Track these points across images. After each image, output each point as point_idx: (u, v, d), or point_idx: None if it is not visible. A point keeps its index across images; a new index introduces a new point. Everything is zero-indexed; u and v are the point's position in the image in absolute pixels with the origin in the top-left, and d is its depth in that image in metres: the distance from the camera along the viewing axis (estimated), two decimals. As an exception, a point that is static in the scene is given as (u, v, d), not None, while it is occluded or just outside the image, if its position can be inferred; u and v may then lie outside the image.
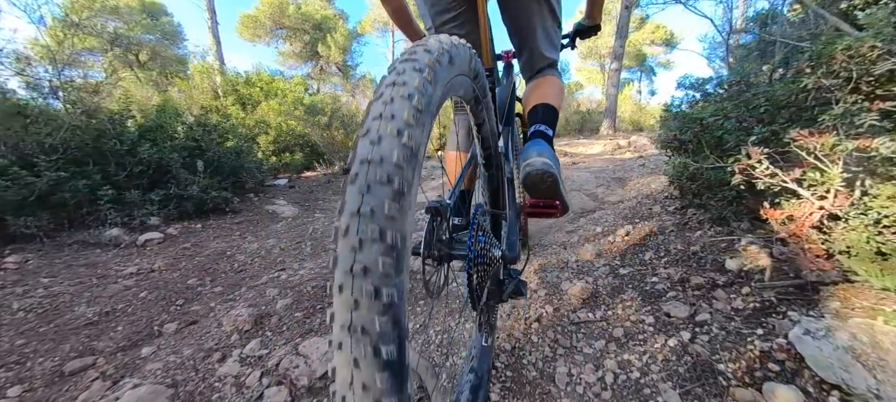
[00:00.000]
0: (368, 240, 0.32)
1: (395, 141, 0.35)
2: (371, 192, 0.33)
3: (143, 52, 15.86)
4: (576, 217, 2.94)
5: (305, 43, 17.84)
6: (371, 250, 0.31)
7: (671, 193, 2.83)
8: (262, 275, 2.13)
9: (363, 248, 0.32)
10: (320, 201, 3.86)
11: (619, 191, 3.45)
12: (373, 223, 0.32)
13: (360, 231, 0.32)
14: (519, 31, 1.13)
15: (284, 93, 7.26)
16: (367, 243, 0.32)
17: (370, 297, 0.31)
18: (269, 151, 5.91)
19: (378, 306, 0.31)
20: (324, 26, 17.52)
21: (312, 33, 17.69)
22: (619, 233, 2.24)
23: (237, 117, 6.18)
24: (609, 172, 4.45)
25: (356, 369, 0.30)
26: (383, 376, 0.30)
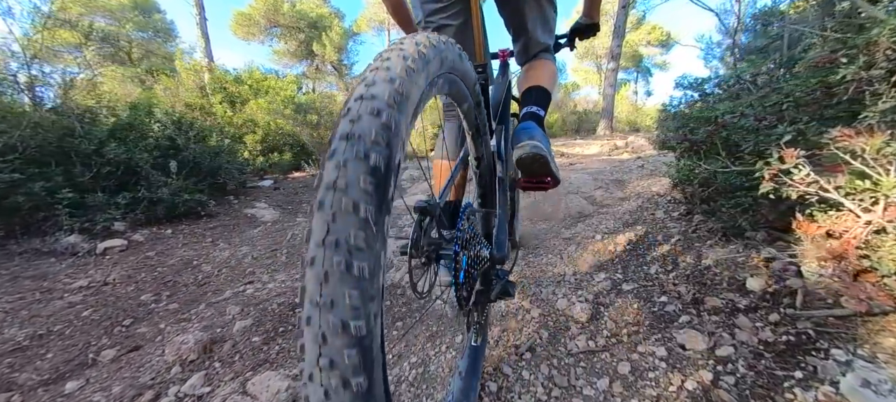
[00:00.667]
0: (341, 212, 0.31)
1: (375, 120, 0.34)
2: (346, 167, 0.32)
3: (135, 49, 15.52)
4: (573, 222, 2.74)
5: (300, 42, 17.54)
6: (345, 221, 0.31)
7: (674, 197, 2.63)
8: (226, 288, 1.91)
9: (336, 220, 0.31)
10: (303, 204, 3.63)
11: (618, 194, 3.25)
12: (347, 197, 0.31)
13: (334, 205, 0.31)
14: (515, 18, 1.11)
15: (275, 91, 7.02)
16: (340, 215, 0.31)
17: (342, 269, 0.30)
18: (257, 151, 5.67)
19: (351, 280, 0.30)
20: (319, 25, 17.23)
21: (307, 32, 17.39)
22: (620, 241, 2.03)
23: (223, 116, 5.93)
24: (607, 173, 4.25)
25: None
26: None
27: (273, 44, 17.87)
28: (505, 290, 0.80)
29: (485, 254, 0.75)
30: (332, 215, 0.31)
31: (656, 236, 1.99)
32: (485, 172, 0.89)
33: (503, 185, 0.94)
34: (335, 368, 0.28)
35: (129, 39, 15.77)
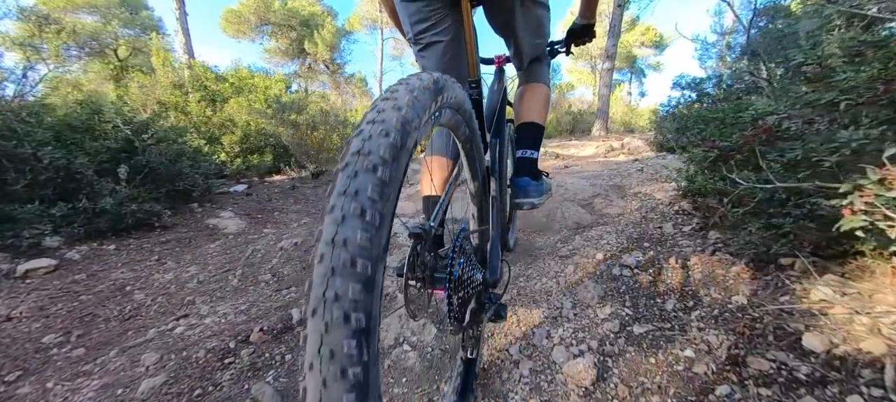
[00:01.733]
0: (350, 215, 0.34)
1: (384, 141, 0.38)
2: (357, 178, 0.35)
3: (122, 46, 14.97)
4: (570, 235, 2.42)
5: (292, 40, 17.08)
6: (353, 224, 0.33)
7: (683, 208, 2.32)
8: (153, 325, 1.56)
9: (345, 222, 0.33)
10: (276, 213, 3.27)
11: (618, 202, 2.94)
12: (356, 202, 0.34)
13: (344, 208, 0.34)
14: (506, 29, 1.06)
15: (262, 89, 6.63)
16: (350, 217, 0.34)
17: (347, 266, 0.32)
18: (234, 153, 5.28)
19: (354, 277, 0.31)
20: (311, 23, 16.79)
21: (299, 30, 16.94)
22: (626, 262, 1.72)
23: (199, 115, 5.54)
24: (605, 177, 3.94)
25: None
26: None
27: (264, 42, 17.39)
28: (497, 314, 0.80)
29: (478, 278, 0.74)
30: (342, 216, 0.34)
31: (668, 258, 1.68)
32: (479, 190, 0.87)
33: (497, 203, 0.93)
34: (334, 358, 0.30)
35: (116, 36, 15.22)
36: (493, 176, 0.95)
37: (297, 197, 3.75)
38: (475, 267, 0.73)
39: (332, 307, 0.30)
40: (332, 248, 0.32)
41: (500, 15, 1.01)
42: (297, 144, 4.53)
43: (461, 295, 0.65)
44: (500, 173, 1.02)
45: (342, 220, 0.33)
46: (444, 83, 0.51)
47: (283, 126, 4.73)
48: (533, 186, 1.07)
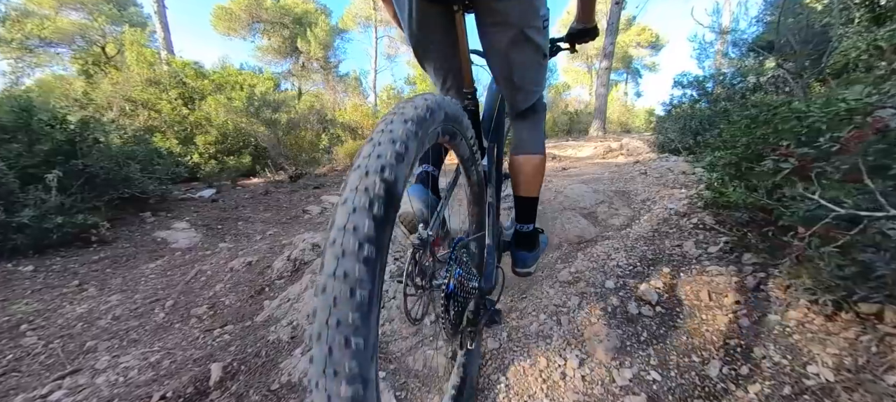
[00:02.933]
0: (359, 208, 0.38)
1: (391, 146, 0.41)
2: (356, 212, 0.37)
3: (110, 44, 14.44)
4: (571, 251, 2.05)
5: (285, 38, 16.58)
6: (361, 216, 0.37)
7: (703, 222, 1.96)
8: (27, 387, 1.16)
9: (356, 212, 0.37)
10: (240, 223, 2.87)
11: (624, 210, 2.57)
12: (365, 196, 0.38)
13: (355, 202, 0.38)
14: (491, 54, 0.92)
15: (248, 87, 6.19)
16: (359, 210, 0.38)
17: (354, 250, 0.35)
18: (210, 154, 4.86)
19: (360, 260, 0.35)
20: (304, 21, 16.30)
21: (292, 28, 16.45)
22: (645, 295, 1.35)
23: (171, 113, 5.11)
24: (606, 181, 3.58)
25: None
26: None
27: (256, 40, 16.88)
28: (492, 319, 0.80)
29: (474, 285, 0.74)
30: (353, 208, 0.37)
31: (698, 291, 1.32)
32: (477, 196, 0.89)
33: (493, 210, 0.93)
34: (340, 327, 0.33)
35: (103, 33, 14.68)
36: (490, 183, 0.95)
37: (268, 203, 3.35)
38: (471, 276, 0.73)
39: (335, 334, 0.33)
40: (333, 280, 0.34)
41: (487, 37, 0.87)
42: (275, 144, 4.12)
43: (456, 303, 0.65)
44: (498, 179, 1.04)
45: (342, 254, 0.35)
46: (436, 106, 0.52)
47: (259, 125, 4.32)
48: (529, 258, 1.12)
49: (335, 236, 0.35)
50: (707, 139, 4.10)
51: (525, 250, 1.11)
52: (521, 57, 0.88)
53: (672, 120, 5.51)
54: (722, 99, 5.22)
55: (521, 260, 1.11)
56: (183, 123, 5.36)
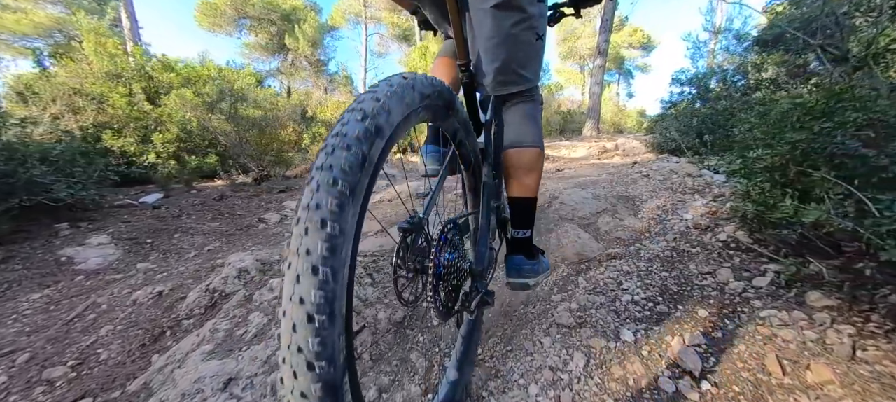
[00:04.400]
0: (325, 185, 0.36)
1: (344, 153, 0.37)
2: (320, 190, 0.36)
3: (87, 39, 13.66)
4: (571, 275, 1.62)
5: (272, 35, 15.97)
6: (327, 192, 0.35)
7: (736, 240, 1.54)
8: None
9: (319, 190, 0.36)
10: (177, 235, 2.38)
11: (631, 221, 2.15)
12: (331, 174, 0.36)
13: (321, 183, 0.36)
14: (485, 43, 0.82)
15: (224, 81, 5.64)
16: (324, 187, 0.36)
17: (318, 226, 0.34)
18: (168, 153, 4.33)
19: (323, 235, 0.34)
20: (292, 17, 15.70)
21: (280, 24, 15.84)
22: (680, 359, 0.92)
23: (125, 109, 4.56)
24: (606, 184, 3.16)
25: None
26: None
27: (243, 36, 16.22)
28: (483, 301, 0.75)
29: (465, 267, 0.71)
30: (317, 185, 0.35)
31: (763, 357, 0.89)
32: (471, 176, 0.86)
33: (488, 189, 0.87)
34: (303, 304, 0.33)
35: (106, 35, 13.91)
36: (486, 161, 0.88)
37: (220, 210, 2.86)
38: (462, 258, 0.70)
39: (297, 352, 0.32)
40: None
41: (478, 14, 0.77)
42: (237, 143, 3.62)
43: (446, 285, 0.63)
44: (496, 157, 0.92)
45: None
46: (415, 84, 0.48)
47: (221, 121, 3.81)
48: (527, 266, 0.95)
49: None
50: (715, 139, 3.74)
51: (521, 254, 0.95)
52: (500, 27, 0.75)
53: (672, 119, 5.16)
54: (722, 97, 4.90)
55: (516, 267, 0.94)
56: (144, 120, 4.82)
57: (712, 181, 2.81)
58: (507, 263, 0.96)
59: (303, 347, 0.31)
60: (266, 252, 1.78)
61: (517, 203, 0.94)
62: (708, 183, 2.79)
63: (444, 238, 0.63)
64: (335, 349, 0.33)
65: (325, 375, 0.32)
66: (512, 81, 0.85)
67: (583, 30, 17.31)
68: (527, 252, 0.96)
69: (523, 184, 0.90)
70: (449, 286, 0.64)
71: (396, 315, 1.32)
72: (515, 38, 0.78)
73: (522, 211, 0.94)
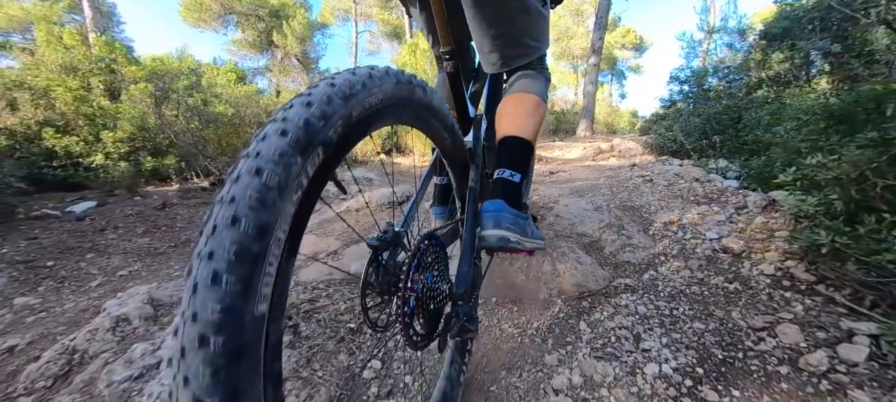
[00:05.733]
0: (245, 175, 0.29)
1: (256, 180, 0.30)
2: (239, 182, 0.28)
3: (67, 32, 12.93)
4: (570, 318, 1.21)
5: (260, 31, 15.37)
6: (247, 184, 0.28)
7: (788, 275, 1.15)
8: None
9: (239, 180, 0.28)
10: (90, 256, 1.91)
11: (640, 238, 1.75)
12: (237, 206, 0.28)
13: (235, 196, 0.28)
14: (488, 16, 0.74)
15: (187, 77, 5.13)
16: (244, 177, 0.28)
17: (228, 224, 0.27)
18: (119, 154, 3.84)
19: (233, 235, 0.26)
20: (281, 14, 15.11)
21: (269, 21, 15.24)
22: None
23: (71, 105, 4.05)
24: (606, 191, 2.76)
25: None
26: None
27: (230, 33, 15.57)
28: (463, 329, 0.62)
29: (443, 289, 0.62)
30: (237, 176, 0.28)
31: None
32: (459, 181, 0.77)
33: (473, 195, 0.73)
34: (196, 321, 0.25)
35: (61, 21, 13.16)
36: (473, 162, 0.78)
37: (156, 222, 2.40)
38: (439, 278, 0.60)
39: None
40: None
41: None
42: (192, 142, 3.15)
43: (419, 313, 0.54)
44: (482, 162, 0.83)
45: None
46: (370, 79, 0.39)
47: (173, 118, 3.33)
48: (511, 216, 0.70)
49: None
50: (723, 140, 3.39)
51: (505, 199, 0.71)
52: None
53: (672, 119, 4.81)
54: (724, 95, 4.57)
55: (494, 214, 0.68)
56: (101, 117, 4.30)
57: (725, 187, 2.42)
58: (482, 210, 0.71)
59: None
60: (175, 285, 1.34)
61: (510, 140, 0.75)
62: (720, 189, 2.40)
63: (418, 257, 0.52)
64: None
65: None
66: (521, 53, 0.79)
67: (576, 30, 17.01)
68: (512, 200, 0.73)
69: (521, 123, 0.76)
70: (424, 314, 0.54)
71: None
72: (521, 5, 0.72)
73: (514, 150, 0.75)
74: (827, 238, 0.91)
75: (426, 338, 0.56)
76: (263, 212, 0.27)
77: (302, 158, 0.30)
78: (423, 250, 0.54)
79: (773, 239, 1.43)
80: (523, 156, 0.76)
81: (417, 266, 0.52)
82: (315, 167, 0.32)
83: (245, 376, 0.24)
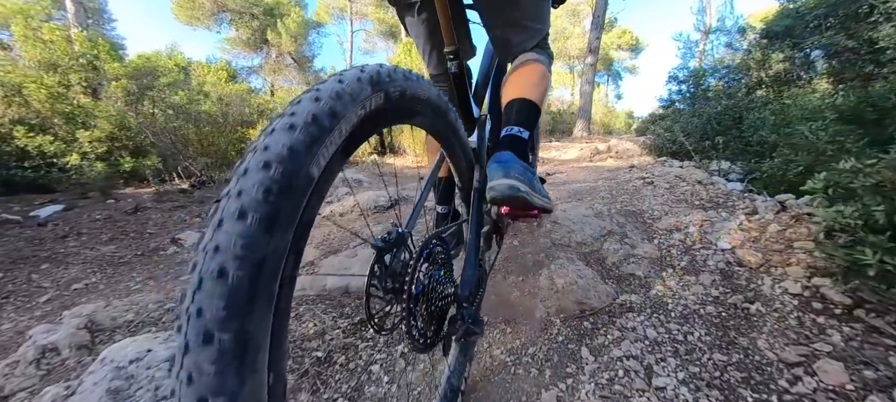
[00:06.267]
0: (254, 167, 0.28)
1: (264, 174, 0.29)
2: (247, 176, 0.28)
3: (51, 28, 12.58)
4: (569, 344, 1.06)
5: (254, 30, 15.11)
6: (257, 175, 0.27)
7: (819, 296, 1.01)
8: None
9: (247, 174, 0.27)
10: (44, 266, 1.73)
11: (645, 248, 1.60)
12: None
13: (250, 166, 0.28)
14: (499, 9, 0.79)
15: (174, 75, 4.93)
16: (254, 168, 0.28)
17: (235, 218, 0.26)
18: (96, 154, 3.64)
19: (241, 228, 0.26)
20: (276, 12, 14.86)
21: (263, 19, 14.99)
22: None
23: (45, 102, 3.85)
24: (605, 194, 2.62)
25: None
26: None
27: (224, 31, 15.28)
28: (469, 332, 0.63)
29: (448, 291, 0.62)
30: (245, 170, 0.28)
31: None
32: (465, 182, 0.76)
33: (479, 197, 0.74)
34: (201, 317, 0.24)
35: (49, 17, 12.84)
36: (477, 163, 0.78)
37: (125, 228, 2.21)
38: (444, 281, 0.60)
39: None
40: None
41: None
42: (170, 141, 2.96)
43: (424, 313, 0.53)
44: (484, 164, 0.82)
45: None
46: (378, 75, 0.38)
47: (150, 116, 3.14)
48: (519, 166, 0.69)
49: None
50: (726, 141, 3.26)
51: (510, 151, 0.70)
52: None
53: (672, 119, 4.69)
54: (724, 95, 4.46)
55: (503, 164, 0.67)
56: (79, 115, 4.09)
57: (729, 191, 2.29)
58: (490, 162, 0.71)
59: None
60: (125, 303, 1.17)
61: (517, 102, 0.76)
62: (725, 193, 2.26)
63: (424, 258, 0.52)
64: None
65: None
66: (528, 37, 0.82)
67: (572, 30, 16.92)
68: (520, 152, 0.73)
69: (528, 89, 0.77)
70: (427, 316, 0.54)
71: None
72: None
73: (522, 110, 0.76)
74: (874, 257, 0.76)
75: (431, 341, 0.55)
76: (270, 206, 0.26)
77: (310, 153, 0.30)
78: (429, 251, 0.53)
79: (793, 250, 1.29)
80: (531, 115, 0.77)
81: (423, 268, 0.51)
82: (324, 163, 0.31)
83: (250, 373, 0.24)
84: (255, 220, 0.25)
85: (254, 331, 0.24)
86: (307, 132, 0.29)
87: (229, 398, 0.23)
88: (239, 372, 0.23)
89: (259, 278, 0.25)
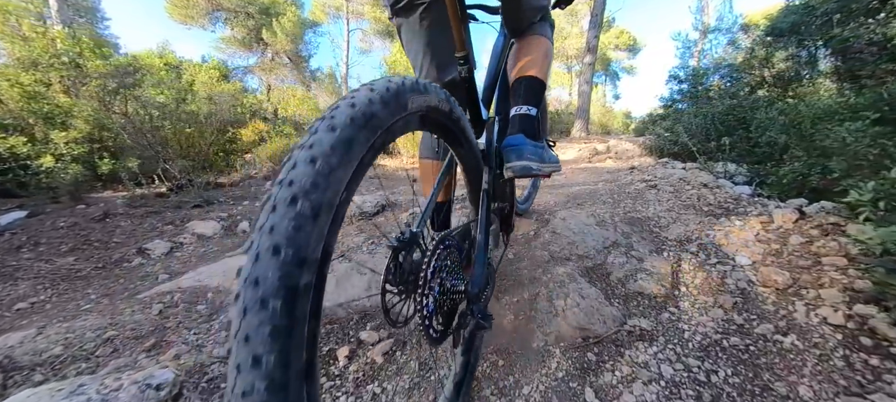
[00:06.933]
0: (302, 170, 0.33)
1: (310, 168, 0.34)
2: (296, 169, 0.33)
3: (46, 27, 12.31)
4: (570, 381, 0.90)
5: (250, 29, 14.87)
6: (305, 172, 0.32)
7: (866, 327, 0.86)
8: None
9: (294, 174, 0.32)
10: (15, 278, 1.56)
11: (653, 262, 1.44)
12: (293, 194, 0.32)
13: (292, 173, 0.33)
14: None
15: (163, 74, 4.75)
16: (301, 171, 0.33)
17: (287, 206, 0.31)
18: (72, 156, 3.45)
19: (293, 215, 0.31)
20: (272, 11, 14.64)
21: (258, 18, 14.76)
22: None
23: (18, 102, 3.66)
24: (606, 198, 2.45)
25: None
26: None
27: (219, 30, 15.04)
28: (477, 327, 0.68)
29: (460, 288, 0.65)
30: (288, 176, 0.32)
31: None
32: (474, 184, 0.79)
33: (487, 198, 0.77)
34: (258, 286, 0.29)
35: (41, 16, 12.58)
36: (487, 164, 0.80)
37: (88, 237, 2.02)
38: (454, 278, 0.64)
39: None
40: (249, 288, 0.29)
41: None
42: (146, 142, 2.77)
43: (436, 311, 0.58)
44: (499, 160, 0.85)
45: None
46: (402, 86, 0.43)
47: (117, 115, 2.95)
48: (530, 147, 0.80)
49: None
50: (733, 142, 3.11)
51: (523, 132, 0.81)
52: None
53: (673, 118, 4.54)
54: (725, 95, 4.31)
55: (516, 147, 0.79)
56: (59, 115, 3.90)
57: (737, 194, 2.13)
58: (504, 145, 0.80)
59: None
60: (61, 331, 1.01)
61: (524, 80, 0.84)
62: (734, 197, 2.11)
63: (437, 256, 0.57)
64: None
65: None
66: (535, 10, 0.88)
67: (570, 30, 16.78)
68: (529, 131, 0.81)
69: (531, 65, 0.84)
70: (441, 310, 0.59)
71: None
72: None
73: (529, 89, 0.83)
74: None
75: (443, 334, 0.59)
76: (317, 194, 0.31)
77: (348, 151, 0.34)
78: (441, 250, 0.57)
79: (822, 268, 1.13)
80: (538, 92, 0.85)
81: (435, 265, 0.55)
82: (358, 159, 0.36)
83: (296, 337, 0.28)
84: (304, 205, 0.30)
85: (299, 300, 0.29)
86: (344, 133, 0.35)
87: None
88: (286, 336, 0.27)
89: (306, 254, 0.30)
